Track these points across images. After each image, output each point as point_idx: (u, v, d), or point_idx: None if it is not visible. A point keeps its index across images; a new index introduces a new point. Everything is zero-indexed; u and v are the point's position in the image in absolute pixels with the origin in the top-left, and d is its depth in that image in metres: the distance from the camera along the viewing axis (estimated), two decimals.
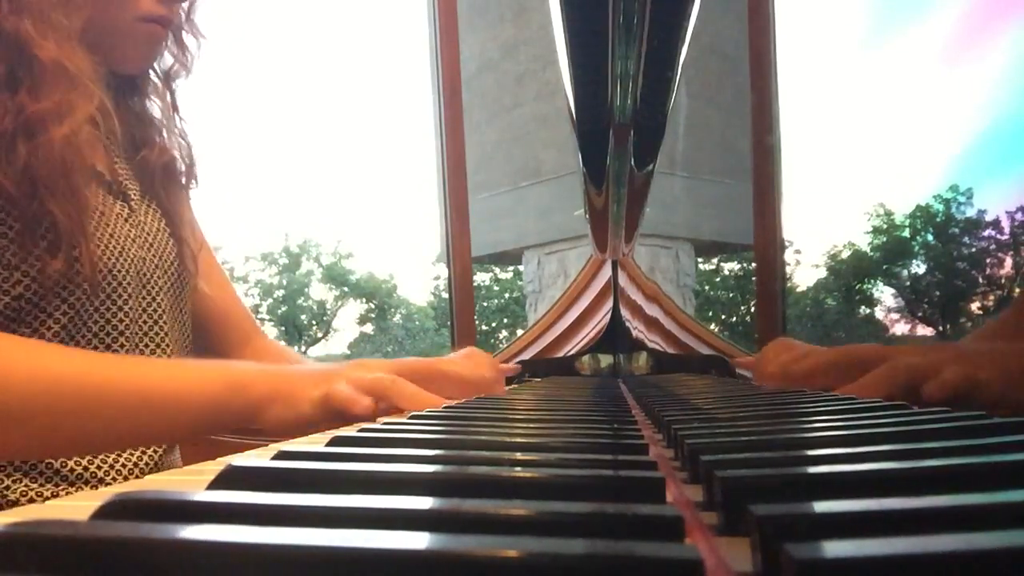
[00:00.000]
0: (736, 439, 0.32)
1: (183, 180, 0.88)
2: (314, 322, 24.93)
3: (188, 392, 0.63)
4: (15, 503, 0.68)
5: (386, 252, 42.38)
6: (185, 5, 0.85)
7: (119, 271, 0.74)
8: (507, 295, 21.97)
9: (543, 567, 0.14)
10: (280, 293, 24.41)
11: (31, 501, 0.70)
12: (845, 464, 0.25)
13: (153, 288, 0.79)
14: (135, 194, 0.81)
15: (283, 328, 24.29)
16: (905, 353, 0.66)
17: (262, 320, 23.62)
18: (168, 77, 0.88)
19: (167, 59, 0.86)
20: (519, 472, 0.25)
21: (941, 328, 21.30)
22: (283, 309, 24.29)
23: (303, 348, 23.93)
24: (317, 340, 24.62)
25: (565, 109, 0.83)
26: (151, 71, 0.87)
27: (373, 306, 24.62)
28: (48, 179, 0.67)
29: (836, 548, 0.14)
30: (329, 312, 24.88)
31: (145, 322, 0.77)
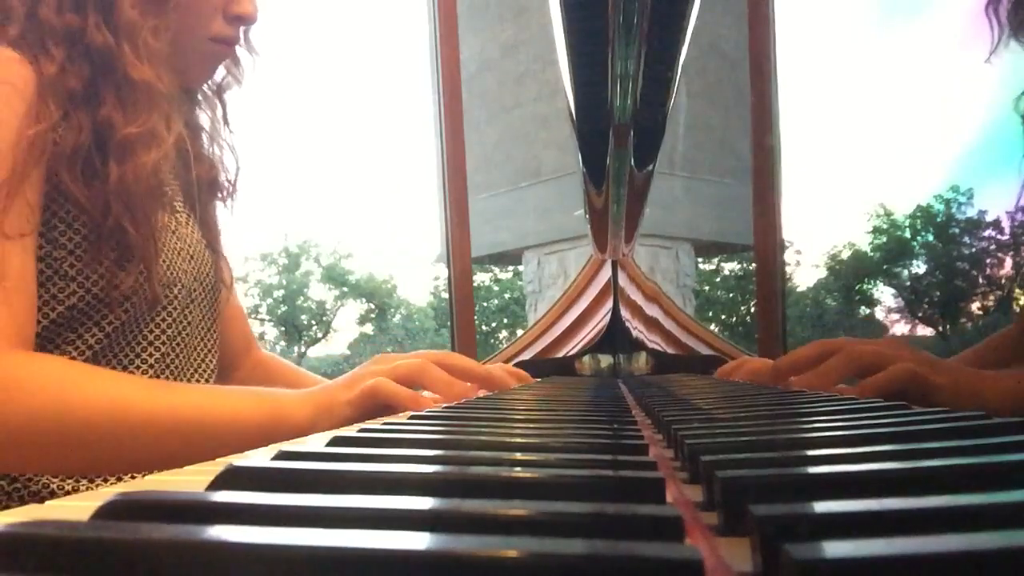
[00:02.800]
0: (736, 439, 0.32)
1: (224, 194, 0.89)
2: (314, 322, 24.89)
3: (236, 420, 0.65)
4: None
5: (386, 252, 42.32)
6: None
7: (169, 285, 0.75)
8: (507, 295, 21.96)
9: (543, 567, 0.14)
10: (280, 293, 24.35)
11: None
12: (845, 464, 0.25)
13: (191, 300, 0.80)
14: (180, 206, 0.82)
15: (283, 328, 24.25)
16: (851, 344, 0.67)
17: (262, 320, 23.60)
18: (220, 89, 0.89)
19: (219, 71, 0.87)
20: (519, 472, 0.25)
21: (941, 328, 21.29)
22: (283, 309, 24.24)
23: (303, 348, 23.91)
24: (317, 340, 24.59)
25: (565, 109, 0.83)
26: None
27: (373, 306, 24.59)
28: (130, 201, 0.68)
29: (836, 548, 0.14)
30: (329, 312, 24.85)
31: (178, 332, 0.78)
